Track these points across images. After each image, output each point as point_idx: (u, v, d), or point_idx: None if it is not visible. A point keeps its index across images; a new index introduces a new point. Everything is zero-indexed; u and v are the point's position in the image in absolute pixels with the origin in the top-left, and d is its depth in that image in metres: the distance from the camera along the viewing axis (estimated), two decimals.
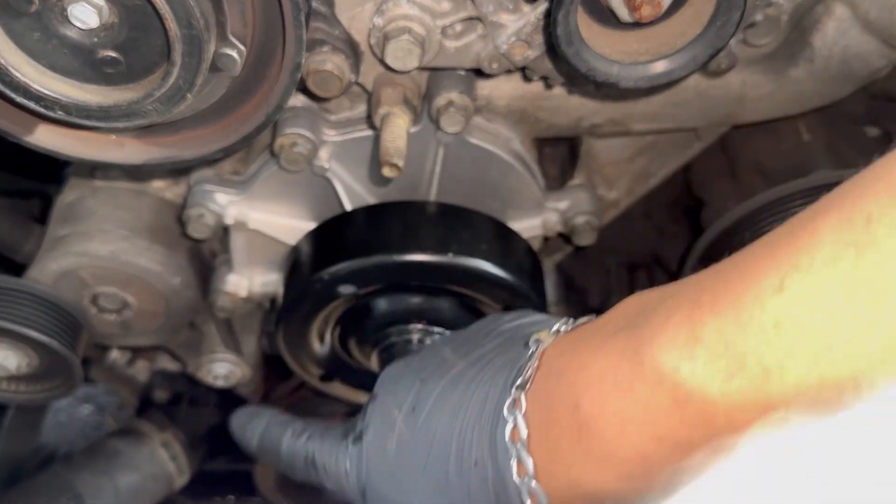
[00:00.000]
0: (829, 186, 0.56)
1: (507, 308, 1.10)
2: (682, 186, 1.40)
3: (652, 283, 1.55)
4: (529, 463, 0.65)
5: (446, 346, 0.82)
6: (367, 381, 1.24)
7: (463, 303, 1.12)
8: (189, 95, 0.81)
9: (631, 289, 1.14)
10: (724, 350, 0.52)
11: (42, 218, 1.43)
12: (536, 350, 0.70)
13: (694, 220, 1.40)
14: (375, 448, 0.80)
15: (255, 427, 0.94)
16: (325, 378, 1.25)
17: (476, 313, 1.13)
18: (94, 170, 1.23)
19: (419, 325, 1.13)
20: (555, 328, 0.72)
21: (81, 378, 1.23)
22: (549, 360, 0.68)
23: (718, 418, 0.53)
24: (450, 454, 0.72)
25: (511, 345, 0.76)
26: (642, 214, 1.47)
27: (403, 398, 0.79)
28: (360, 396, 1.30)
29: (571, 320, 0.73)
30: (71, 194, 1.25)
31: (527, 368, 0.69)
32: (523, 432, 0.66)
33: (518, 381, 0.68)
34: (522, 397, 0.67)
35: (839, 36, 1.02)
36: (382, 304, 1.12)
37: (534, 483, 0.65)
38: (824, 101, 1.11)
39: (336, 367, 1.23)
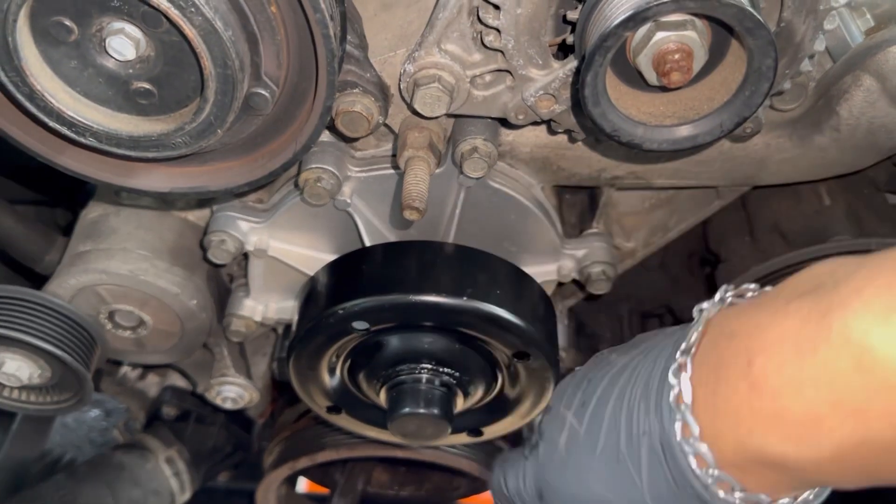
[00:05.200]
0: (847, 254, 0.60)
1: (519, 354, 1.11)
2: (700, 239, 1.40)
3: None
4: (695, 424, 0.66)
5: (611, 353, 0.86)
6: (374, 416, 1.24)
7: (474, 345, 1.13)
8: (220, 131, 0.82)
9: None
10: None
11: (66, 227, 1.45)
12: (701, 317, 0.71)
13: (709, 272, 1.40)
14: (549, 449, 0.84)
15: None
16: (332, 410, 1.25)
17: (486, 356, 1.14)
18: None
19: (429, 365, 1.13)
20: (718, 297, 0.73)
21: (92, 393, 1.24)
22: (717, 325, 0.69)
23: None
24: (620, 431, 0.74)
25: (674, 331, 0.77)
26: (658, 265, 1.47)
27: (572, 398, 0.84)
28: (365, 429, 1.30)
29: (732, 288, 0.73)
30: (95, 210, 1.27)
31: (691, 334, 0.70)
32: (688, 395, 0.67)
33: (682, 347, 0.70)
34: (688, 361, 0.68)
35: (866, 107, 1.02)
36: (394, 342, 1.13)
37: (699, 444, 0.66)
38: (847, 170, 1.11)
39: (344, 400, 1.23)
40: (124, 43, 0.77)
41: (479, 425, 1.26)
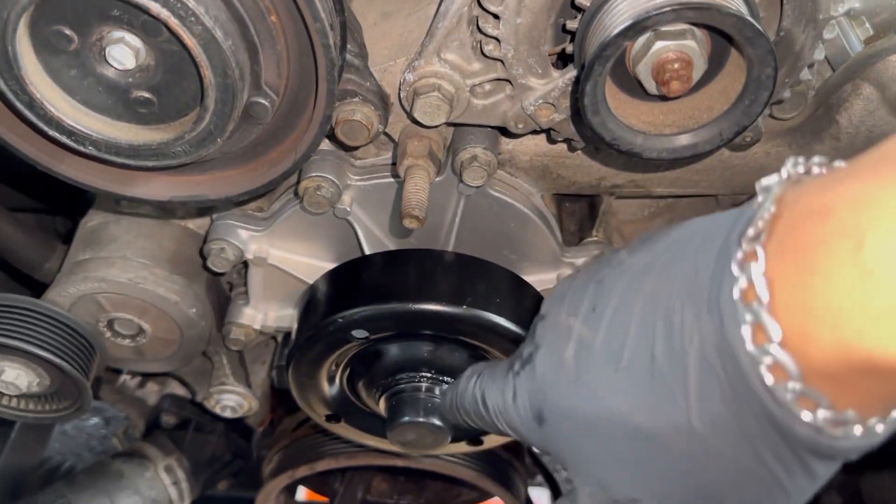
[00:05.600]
0: None
1: None
2: None
3: None
4: (773, 326, 0.52)
5: (620, 251, 0.70)
6: (373, 425, 1.24)
7: (474, 354, 1.13)
8: (219, 140, 0.82)
9: None
10: None
11: (66, 235, 1.45)
12: (770, 196, 0.56)
13: None
14: (550, 363, 0.68)
15: (455, 390, 0.87)
16: (332, 419, 1.25)
17: None
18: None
19: (429, 374, 1.13)
20: (785, 174, 0.58)
21: (91, 402, 1.23)
22: (796, 204, 0.54)
23: None
24: (654, 341, 0.60)
25: (716, 221, 0.62)
26: None
27: (577, 304, 0.68)
28: (365, 438, 1.30)
29: (802, 160, 0.58)
30: (95, 218, 1.27)
31: (758, 218, 0.55)
32: (762, 291, 0.53)
33: (749, 233, 0.55)
34: (758, 249, 0.54)
35: (866, 116, 1.02)
36: (394, 351, 1.13)
37: (779, 350, 0.52)
38: None
39: (343, 409, 1.23)
40: (124, 52, 0.78)
41: (478, 434, 1.26)
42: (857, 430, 0.55)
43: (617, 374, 0.63)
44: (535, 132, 1.02)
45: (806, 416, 0.54)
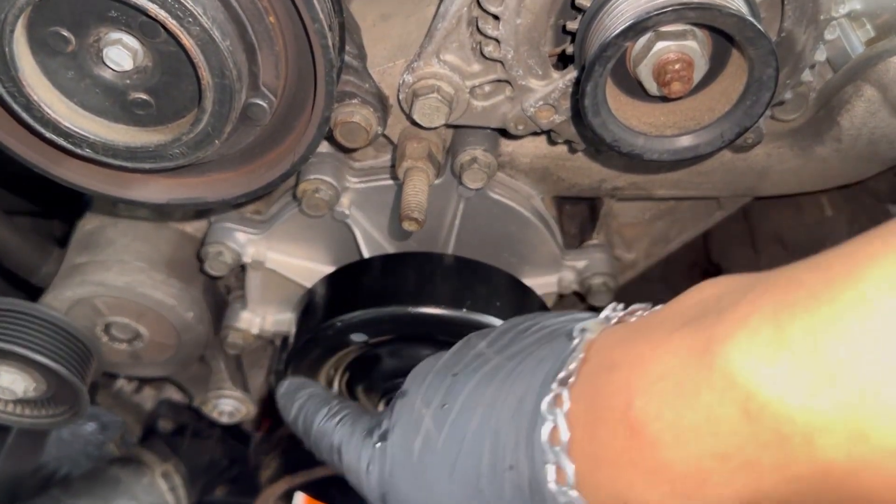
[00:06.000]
0: None
1: None
2: (701, 251, 1.40)
3: None
4: (570, 469, 0.56)
5: (482, 340, 0.74)
6: None
7: None
8: (217, 142, 0.82)
9: None
10: (814, 358, 0.44)
11: (62, 238, 1.44)
12: (582, 340, 0.60)
13: None
14: (400, 448, 0.72)
15: (297, 398, 0.87)
16: None
17: None
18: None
19: None
20: (603, 315, 0.63)
21: (87, 406, 1.22)
22: (597, 353, 0.59)
23: (795, 440, 0.45)
24: (482, 456, 0.64)
25: (555, 337, 0.66)
26: (659, 276, 1.46)
27: (433, 395, 0.71)
28: None
29: (622, 307, 0.63)
30: (92, 222, 1.26)
31: (570, 361, 0.59)
32: (564, 434, 0.57)
33: (560, 375, 0.59)
34: (565, 393, 0.58)
35: (868, 117, 1.01)
36: (393, 355, 1.12)
37: (574, 493, 0.56)
38: (849, 180, 1.11)
39: None
40: (122, 53, 0.77)
41: None
42: None
43: (450, 481, 0.66)
44: (535, 134, 1.02)
45: None
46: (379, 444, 0.74)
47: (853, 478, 0.45)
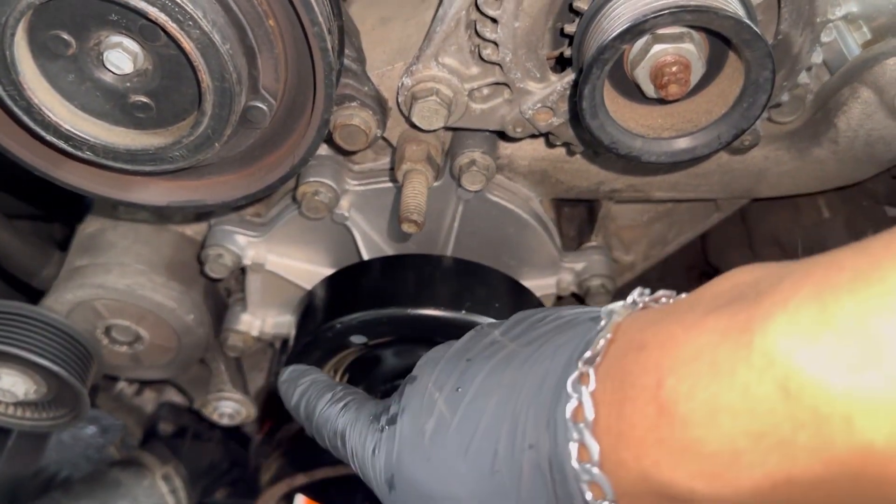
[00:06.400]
0: None
1: None
2: (699, 253, 1.40)
3: None
4: (594, 447, 0.56)
5: (494, 329, 0.73)
6: None
7: None
8: (217, 144, 0.82)
9: None
10: (859, 338, 0.44)
11: (63, 241, 1.44)
12: (610, 322, 0.61)
13: None
14: (410, 431, 0.71)
15: (299, 384, 0.87)
16: None
17: None
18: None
19: None
20: (631, 300, 0.63)
21: (88, 409, 1.23)
22: (625, 334, 0.59)
23: (834, 420, 0.45)
24: (499, 436, 0.63)
25: (576, 324, 0.66)
26: (657, 278, 1.47)
27: (445, 379, 0.70)
28: None
29: (648, 291, 0.64)
30: (92, 225, 1.26)
31: (597, 341, 0.59)
32: (589, 412, 0.57)
33: (586, 355, 0.59)
34: (591, 372, 0.58)
35: (864, 119, 1.02)
36: (392, 356, 1.12)
37: (597, 470, 0.56)
38: (846, 182, 1.11)
39: None
40: (122, 56, 0.77)
41: None
42: None
43: (464, 462, 0.66)
44: (533, 136, 1.02)
45: None
46: (387, 428, 0.73)
47: (893, 462, 0.45)
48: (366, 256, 1.17)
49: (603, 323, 0.61)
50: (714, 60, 0.85)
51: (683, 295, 0.61)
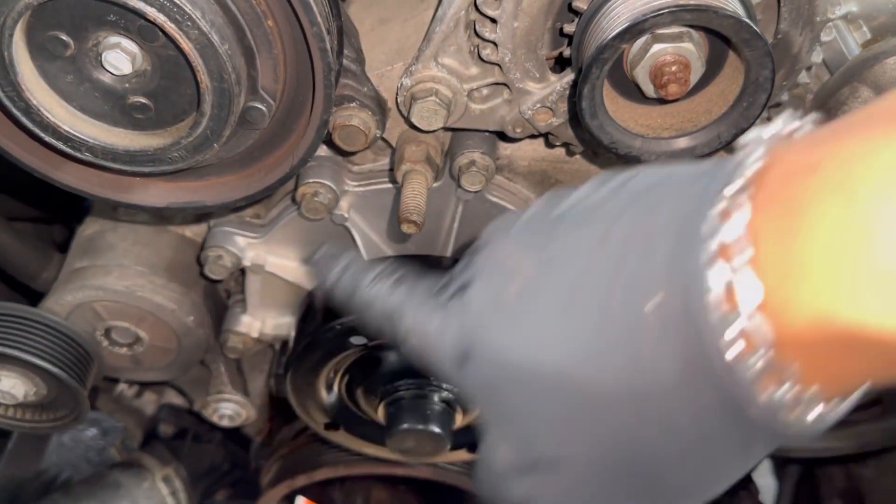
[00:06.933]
0: None
1: None
2: None
3: None
4: (754, 287, 0.47)
5: (581, 189, 0.61)
6: (372, 433, 1.23)
7: None
8: (216, 145, 0.82)
9: None
10: None
11: (63, 243, 1.44)
12: (764, 146, 0.50)
13: None
14: (488, 297, 0.61)
15: (340, 261, 0.74)
16: (330, 427, 1.24)
17: None
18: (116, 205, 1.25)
19: (428, 381, 1.12)
20: (784, 124, 0.52)
21: (87, 411, 1.23)
22: (785, 158, 0.49)
23: None
24: (612, 289, 0.53)
25: (692, 172, 0.55)
26: None
27: (529, 239, 0.61)
28: (364, 446, 1.29)
29: (799, 113, 0.53)
30: (92, 227, 1.26)
31: (746, 169, 0.49)
32: (744, 247, 0.47)
33: (735, 184, 0.49)
34: (745, 200, 0.48)
35: None
36: (392, 357, 1.12)
37: (756, 315, 0.47)
38: None
39: (342, 417, 1.22)
40: (120, 57, 0.77)
41: (478, 441, 1.25)
42: (817, 410, 0.50)
43: (564, 322, 0.56)
44: (533, 136, 1.02)
45: (765, 395, 0.49)
46: (455, 300, 0.63)
47: None
48: (365, 257, 1.17)
49: (749, 150, 0.51)
50: (714, 60, 0.85)
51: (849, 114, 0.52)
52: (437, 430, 1.10)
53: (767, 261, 0.47)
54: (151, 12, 0.72)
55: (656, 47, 0.80)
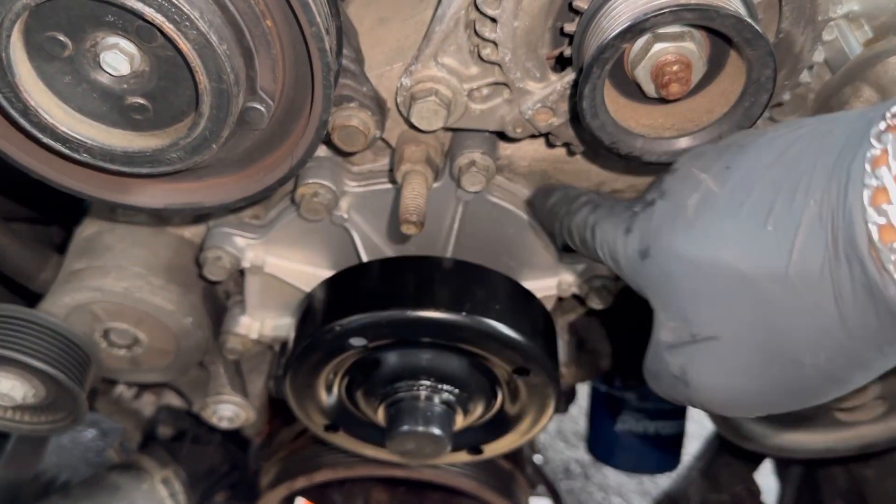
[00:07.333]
0: None
1: (519, 370, 1.10)
2: None
3: None
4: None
5: (762, 131, 0.73)
6: (372, 435, 1.23)
7: (473, 361, 1.12)
8: (215, 146, 0.82)
9: (643, 353, 1.12)
10: None
11: (61, 245, 1.44)
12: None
13: None
14: (671, 207, 0.72)
15: (554, 189, 0.93)
16: (330, 429, 1.23)
17: (486, 373, 1.13)
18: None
19: (428, 382, 1.12)
20: None
21: (86, 412, 1.22)
22: None
23: None
24: (778, 195, 0.63)
25: (863, 112, 0.64)
26: None
27: (712, 162, 0.72)
28: (363, 448, 1.28)
29: None
30: (89, 228, 1.26)
31: (889, 111, 0.58)
32: (891, 164, 0.56)
33: (882, 124, 0.58)
34: (889, 133, 0.57)
35: None
36: (392, 359, 1.12)
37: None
38: None
39: (342, 419, 1.22)
40: (118, 58, 0.77)
41: (479, 443, 1.25)
42: None
43: (733, 222, 0.66)
44: (533, 136, 1.02)
45: None
46: (642, 211, 0.75)
47: None
48: (365, 258, 1.17)
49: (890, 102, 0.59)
50: (715, 59, 0.85)
51: None
52: (437, 431, 1.10)
53: None
54: (149, 13, 0.71)
55: (657, 47, 0.79)
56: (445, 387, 1.12)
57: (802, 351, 0.64)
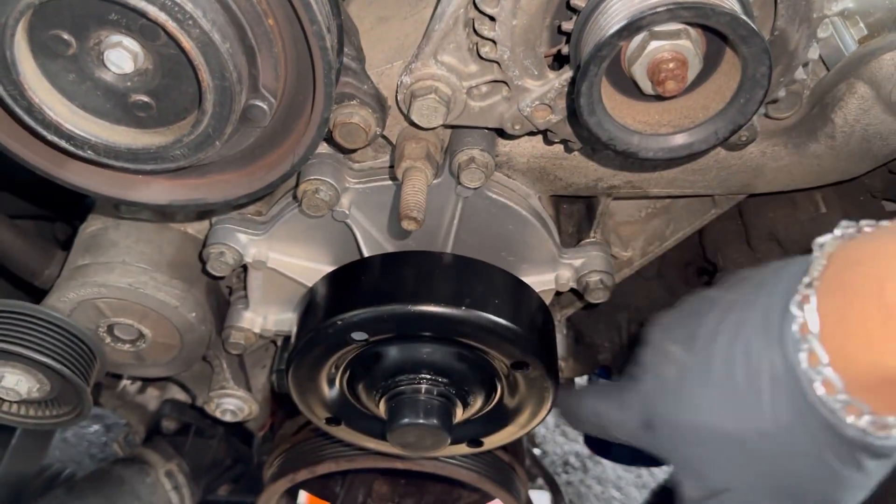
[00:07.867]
0: None
1: (518, 364, 1.11)
2: (696, 248, 1.41)
3: None
4: (823, 351, 0.67)
5: (709, 291, 0.84)
6: (373, 427, 1.24)
7: (473, 355, 1.13)
8: (218, 143, 0.83)
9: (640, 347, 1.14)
10: None
11: (65, 241, 1.45)
12: (823, 250, 0.71)
13: (707, 281, 1.40)
14: (656, 382, 0.84)
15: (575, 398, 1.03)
16: (332, 422, 1.25)
17: (485, 366, 1.14)
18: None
19: (428, 376, 1.13)
20: (838, 233, 0.73)
21: (91, 407, 1.23)
22: (839, 257, 0.69)
23: None
24: (735, 363, 0.74)
25: (786, 267, 0.76)
26: (655, 274, 1.47)
27: (678, 334, 0.83)
28: (365, 441, 1.30)
29: (853, 223, 0.73)
30: (94, 224, 1.27)
31: (813, 269, 0.70)
32: (814, 324, 0.68)
33: (806, 280, 0.70)
34: (811, 293, 0.69)
35: (861, 114, 1.02)
36: (393, 353, 1.13)
37: (828, 370, 0.67)
38: (843, 177, 1.12)
39: (343, 411, 1.23)
40: (122, 56, 0.78)
41: (478, 435, 1.26)
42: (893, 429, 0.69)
43: (711, 391, 0.77)
44: (531, 133, 1.03)
45: (851, 420, 0.68)
46: (632, 388, 0.87)
47: None
48: (366, 254, 1.18)
49: (817, 253, 0.71)
50: (711, 57, 0.86)
51: (884, 222, 0.71)
52: (437, 424, 1.11)
53: (830, 334, 0.67)
54: (153, 11, 0.73)
55: (654, 44, 0.80)
56: (445, 380, 1.13)
57: (805, 487, 0.77)
